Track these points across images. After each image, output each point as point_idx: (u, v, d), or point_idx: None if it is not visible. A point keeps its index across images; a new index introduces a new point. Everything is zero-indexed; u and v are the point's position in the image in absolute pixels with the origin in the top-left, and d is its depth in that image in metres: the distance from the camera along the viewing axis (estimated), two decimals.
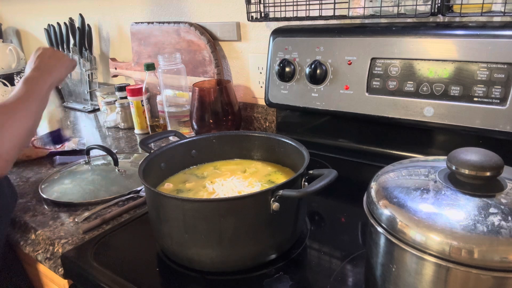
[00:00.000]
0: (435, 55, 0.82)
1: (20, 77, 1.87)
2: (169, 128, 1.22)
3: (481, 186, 0.45)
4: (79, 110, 1.68)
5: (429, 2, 0.83)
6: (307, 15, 1.00)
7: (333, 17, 0.96)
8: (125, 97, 1.33)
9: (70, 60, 0.86)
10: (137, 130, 1.33)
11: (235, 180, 0.75)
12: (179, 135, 0.84)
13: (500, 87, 0.75)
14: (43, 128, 0.96)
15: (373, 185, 0.51)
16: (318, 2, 0.97)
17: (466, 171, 0.45)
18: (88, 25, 1.58)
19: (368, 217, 0.49)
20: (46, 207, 0.88)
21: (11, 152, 0.65)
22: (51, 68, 0.78)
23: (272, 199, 0.58)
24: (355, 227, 0.73)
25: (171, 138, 1.15)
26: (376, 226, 0.47)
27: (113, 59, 1.61)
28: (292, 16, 1.03)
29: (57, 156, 1.13)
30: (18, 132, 0.66)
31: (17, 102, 0.69)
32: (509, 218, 0.40)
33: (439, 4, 0.81)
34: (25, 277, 0.90)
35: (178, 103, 1.20)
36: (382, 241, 0.47)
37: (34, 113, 0.71)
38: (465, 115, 0.79)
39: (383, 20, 0.94)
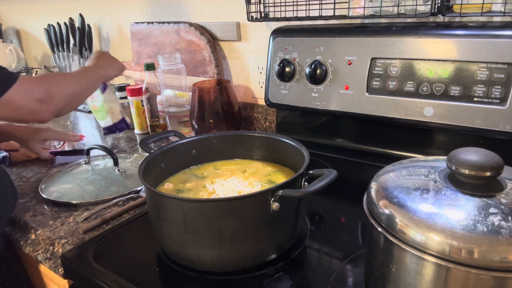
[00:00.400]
0: (435, 55, 0.82)
1: None
2: (169, 128, 1.22)
3: (481, 186, 0.45)
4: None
5: (429, 2, 0.83)
6: (307, 15, 1.00)
7: (333, 17, 0.96)
8: (125, 97, 1.33)
9: (121, 63, 1.04)
10: (137, 130, 1.33)
11: (235, 180, 0.75)
12: (179, 135, 0.84)
13: (500, 87, 0.75)
14: (107, 121, 1.19)
15: (373, 185, 0.51)
16: (318, 2, 0.97)
17: (466, 171, 0.45)
18: (88, 25, 1.58)
19: (368, 217, 0.49)
20: (46, 207, 0.88)
21: (57, 105, 0.81)
22: (104, 65, 0.98)
23: (272, 199, 0.58)
24: (355, 227, 0.73)
25: (171, 138, 1.14)
26: (376, 226, 0.47)
27: None
28: (292, 16, 1.03)
29: (57, 156, 1.13)
30: (66, 92, 0.83)
31: (70, 74, 0.90)
32: (509, 218, 0.40)
33: (439, 4, 0.81)
34: (25, 277, 0.90)
35: (178, 103, 1.20)
36: (382, 241, 0.47)
37: (83, 86, 0.89)
38: (465, 115, 0.79)
39: (383, 20, 0.94)
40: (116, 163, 0.99)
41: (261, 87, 1.21)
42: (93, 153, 1.10)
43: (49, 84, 0.81)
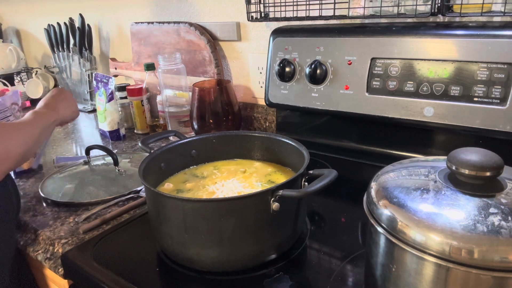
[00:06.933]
0: (435, 55, 0.82)
1: (20, 77, 1.88)
2: (169, 128, 1.22)
3: (481, 186, 0.45)
4: (79, 110, 1.67)
5: (429, 2, 0.83)
6: (307, 15, 1.00)
7: (333, 17, 0.96)
8: (125, 97, 1.33)
9: (77, 108, 0.98)
10: (137, 130, 1.33)
11: (235, 180, 0.75)
12: (179, 135, 0.84)
13: (500, 87, 0.75)
14: (104, 126, 1.28)
15: (373, 185, 0.51)
16: (318, 2, 0.97)
17: (466, 171, 0.45)
18: (88, 25, 1.58)
19: (368, 217, 0.49)
20: (46, 207, 0.88)
21: (12, 164, 0.72)
22: (59, 108, 0.89)
23: (272, 199, 0.58)
24: (355, 227, 0.73)
25: (171, 138, 1.15)
26: (376, 226, 0.47)
27: (113, 59, 1.61)
28: (292, 16, 1.03)
29: (57, 156, 1.13)
30: (22, 148, 0.73)
31: (24, 124, 0.78)
32: (509, 218, 0.40)
33: (439, 4, 0.81)
34: (33, 282, 0.90)
35: (178, 103, 1.20)
36: (382, 241, 0.47)
37: (37, 138, 0.79)
38: (465, 115, 0.79)
39: (383, 20, 0.94)
40: (116, 163, 0.99)
41: (261, 87, 1.21)
42: (93, 153, 1.11)
43: (4, 141, 0.70)
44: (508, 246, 0.39)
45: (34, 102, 1.83)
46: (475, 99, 0.78)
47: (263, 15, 1.09)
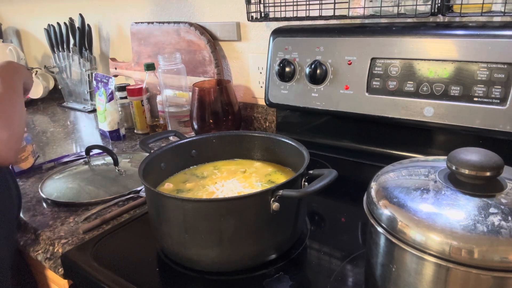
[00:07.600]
0: (435, 55, 0.82)
1: None
2: (169, 128, 1.22)
3: (481, 186, 0.45)
4: (79, 110, 1.68)
5: (429, 2, 0.83)
6: (307, 15, 1.00)
7: (333, 17, 0.96)
8: (125, 97, 1.34)
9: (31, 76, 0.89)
10: (137, 130, 1.33)
11: (235, 180, 0.75)
12: (179, 135, 0.84)
13: (500, 87, 0.75)
14: (104, 126, 1.27)
15: (373, 185, 0.51)
16: (318, 2, 0.97)
17: (466, 171, 0.45)
18: (88, 25, 1.58)
19: (368, 217, 0.49)
20: (46, 207, 0.88)
21: (20, 140, 0.75)
22: (21, 74, 0.81)
23: (272, 199, 0.58)
24: (355, 227, 0.73)
25: (171, 138, 1.15)
26: (376, 226, 0.47)
27: (113, 59, 1.61)
28: (292, 16, 1.03)
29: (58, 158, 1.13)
30: (23, 121, 0.75)
31: (12, 96, 0.74)
32: (509, 218, 0.40)
33: (439, 4, 0.81)
34: (33, 282, 0.90)
35: (178, 103, 1.20)
36: (382, 241, 0.47)
37: (24, 108, 0.77)
38: (465, 115, 0.79)
39: (383, 20, 0.94)
40: (116, 163, 0.99)
41: (261, 87, 1.21)
42: (93, 153, 1.11)
43: (9, 124, 0.69)
44: (508, 246, 0.39)
45: (33, 102, 1.83)
46: (475, 99, 0.78)
47: (263, 15, 1.09)
